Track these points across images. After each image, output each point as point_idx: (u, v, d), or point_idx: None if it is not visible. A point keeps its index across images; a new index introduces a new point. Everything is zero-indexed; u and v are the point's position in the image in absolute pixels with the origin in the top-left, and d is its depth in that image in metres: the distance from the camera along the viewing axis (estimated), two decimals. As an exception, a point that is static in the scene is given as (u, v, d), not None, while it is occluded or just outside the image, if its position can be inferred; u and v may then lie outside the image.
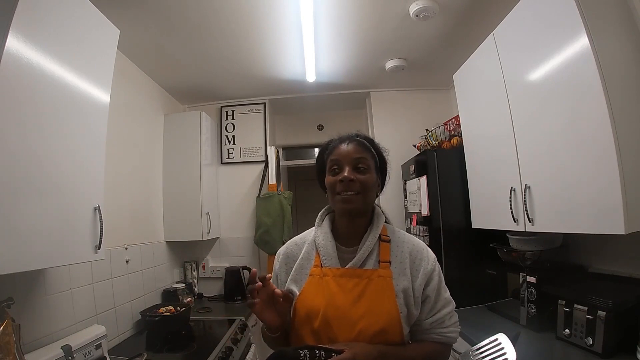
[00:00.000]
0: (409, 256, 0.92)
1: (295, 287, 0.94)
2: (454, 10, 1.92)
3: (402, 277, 0.89)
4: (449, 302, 0.94)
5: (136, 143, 2.37)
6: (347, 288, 0.88)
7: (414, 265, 0.91)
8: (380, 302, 0.86)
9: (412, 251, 0.93)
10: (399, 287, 0.88)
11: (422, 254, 0.93)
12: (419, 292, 0.89)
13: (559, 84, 1.31)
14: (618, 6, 1.29)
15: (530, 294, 1.56)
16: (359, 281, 0.89)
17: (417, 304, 0.89)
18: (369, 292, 0.87)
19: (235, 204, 3.12)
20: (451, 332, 0.92)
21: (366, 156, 0.93)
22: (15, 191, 0.99)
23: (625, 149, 1.10)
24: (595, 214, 1.18)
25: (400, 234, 0.98)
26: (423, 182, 2.21)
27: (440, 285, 0.93)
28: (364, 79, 2.87)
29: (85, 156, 1.30)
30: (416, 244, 0.96)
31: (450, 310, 0.93)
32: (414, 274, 0.90)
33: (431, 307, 0.91)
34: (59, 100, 1.18)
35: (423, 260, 0.92)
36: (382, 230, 0.95)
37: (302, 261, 0.97)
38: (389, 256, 0.92)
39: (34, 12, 1.07)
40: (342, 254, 0.94)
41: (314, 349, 0.78)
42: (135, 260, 2.20)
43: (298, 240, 1.03)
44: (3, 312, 1.10)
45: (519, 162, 1.56)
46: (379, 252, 0.92)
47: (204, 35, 2.08)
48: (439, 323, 0.91)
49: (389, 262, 0.91)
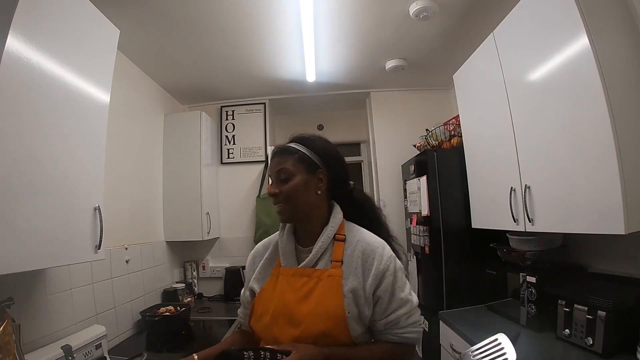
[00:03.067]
0: (362, 255, 0.90)
1: (257, 286, 0.97)
2: (454, 10, 1.92)
3: (352, 277, 0.88)
4: (406, 302, 0.89)
5: (136, 143, 2.37)
6: (295, 287, 0.90)
7: (365, 264, 0.89)
8: (327, 301, 0.85)
9: (364, 250, 0.90)
10: (347, 287, 0.86)
11: (374, 253, 0.89)
12: (369, 292, 0.87)
13: (559, 84, 1.31)
14: (618, 6, 1.30)
15: (530, 294, 1.56)
16: (308, 280, 0.89)
17: (369, 304, 0.87)
18: (316, 292, 0.87)
19: (235, 204, 3.12)
20: (409, 332, 0.89)
21: (287, 165, 0.93)
22: (15, 191, 0.99)
23: (625, 149, 1.10)
24: (595, 214, 1.18)
25: (357, 232, 0.95)
26: (423, 182, 2.21)
27: (395, 286, 0.89)
28: (364, 79, 2.87)
29: (85, 156, 1.30)
30: (370, 242, 0.92)
31: (408, 311, 0.89)
32: (365, 273, 0.88)
33: (384, 308, 0.88)
34: (59, 100, 1.18)
35: (376, 259, 0.89)
36: (339, 228, 0.95)
37: (266, 262, 1.00)
38: (341, 255, 0.91)
39: (34, 12, 1.07)
40: (300, 253, 0.96)
41: (259, 350, 0.78)
42: (135, 260, 2.20)
43: (266, 242, 1.07)
44: (3, 312, 1.10)
45: (519, 162, 1.56)
46: (333, 251, 0.92)
47: (204, 35, 2.08)
48: (394, 324, 0.88)
49: (340, 261, 0.90)
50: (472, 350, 0.88)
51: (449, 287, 2.05)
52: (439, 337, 1.97)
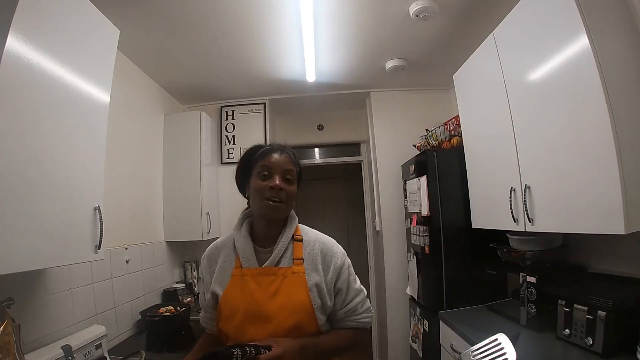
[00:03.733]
0: (320, 253, 1.00)
1: (219, 288, 1.00)
2: (454, 10, 1.92)
3: (314, 273, 0.97)
4: (360, 292, 1.04)
5: (136, 143, 2.37)
6: (264, 285, 0.95)
7: (324, 261, 0.99)
8: (295, 296, 0.93)
9: (322, 248, 1.01)
10: (311, 282, 0.95)
11: (332, 251, 1.01)
12: (330, 285, 0.98)
13: (559, 84, 1.31)
14: (618, 6, 1.30)
15: (530, 294, 1.56)
16: (275, 278, 0.96)
17: (331, 295, 0.98)
18: (284, 288, 0.94)
19: (235, 204, 3.09)
20: (364, 317, 1.03)
21: (293, 168, 1.01)
22: (15, 191, 0.99)
23: (625, 149, 1.10)
24: (595, 214, 1.18)
25: (312, 233, 1.06)
26: (423, 182, 2.21)
27: (350, 278, 1.02)
28: (364, 79, 2.87)
29: (85, 156, 1.30)
30: (326, 241, 1.03)
31: (362, 299, 1.03)
32: (325, 269, 0.98)
33: (344, 298, 1.00)
34: (59, 100, 1.18)
35: (333, 256, 1.00)
36: (295, 230, 1.03)
37: (224, 264, 1.03)
38: (301, 254, 0.99)
39: (34, 12, 1.07)
40: (260, 254, 1.00)
41: (245, 347, 0.81)
42: (135, 260, 2.20)
43: (219, 244, 1.09)
44: (3, 312, 1.10)
45: (519, 162, 1.56)
46: (293, 250, 1.00)
47: (204, 35, 2.08)
48: (352, 311, 1.01)
49: (301, 259, 0.98)
50: (472, 350, 0.88)
51: (449, 287, 2.05)
52: (439, 337, 1.97)
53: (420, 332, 2.30)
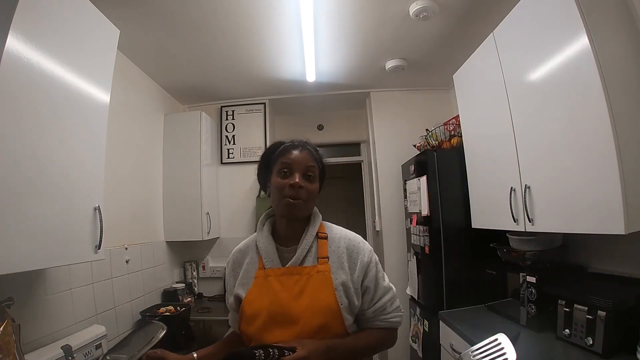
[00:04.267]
0: (346, 250, 0.96)
1: (243, 291, 0.98)
2: (454, 10, 1.92)
3: (340, 271, 0.93)
4: (389, 290, 0.99)
5: (136, 143, 2.37)
6: (288, 285, 0.92)
7: (351, 259, 0.96)
8: (321, 296, 0.90)
9: (348, 245, 0.97)
10: (337, 281, 0.92)
11: (358, 248, 0.97)
12: (357, 283, 0.94)
13: (559, 84, 1.31)
14: (618, 6, 1.30)
15: (530, 294, 1.56)
16: (300, 278, 0.93)
17: (358, 294, 0.94)
18: (309, 288, 0.91)
19: (235, 204, 3.12)
20: (394, 317, 0.97)
21: (315, 165, 0.98)
22: (15, 191, 0.99)
23: (625, 149, 1.10)
24: (595, 214, 1.18)
25: (336, 230, 1.02)
26: (423, 182, 2.21)
27: (378, 276, 0.98)
28: (364, 79, 2.87)
29: (85, 156, 1.30)
30: (352, 238, 1.00)
31: (391, 297, 0.98)
32: (351, 267, 0.95)
33: (372, 296, 0.96)
34: (59, 101, 1.18)
35: (360, 253, 0.96)
36: (319, 228, 1.00)
37: (248, 266, 1.01)
38: (326, 252, 0.96)
39: (34, 12, 1.07)
40: (283, 254, 0.98)
41: (268, 348, 0.80)
42: (135, 260, 2.20)
43: (242, 247, 1.07)
44: (3, 312, 1.10)
45: (519, 162, 1.56)
46: (317, 249, 0.96)
47: (204, 35, 2.08)
48: (381, 311, 0.96)
49: (326, 257, 0.95)
50: (472, 350, 0.88)
51: (449, 287, 2.05)
52: (439, 337, 1.97)
53: (420, 332, 2.30)
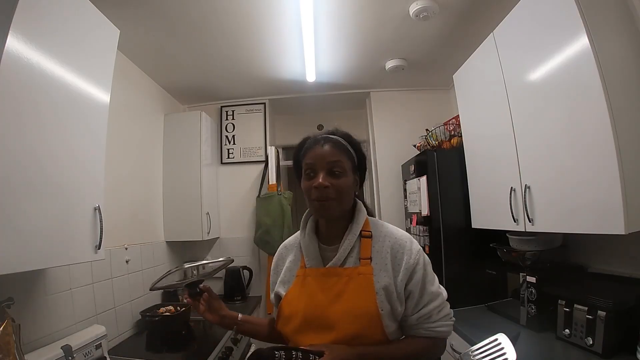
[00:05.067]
0: (390, 251, 0.89)
1: (283, 289, 0.96)
2: (454, 10, 1.92)
3: (383, 273, 0.86)
4: (437, 296, 0.89)
5: (136, 143, 2.37)
6: (326, 287, 0.88)
7: (395, 260, 0.88)
8: (360, 301, 0.84)
9: (393, 245, 0.90)
10: (379, 284, 0.85)
11: (403, 248, 0.89)
12: (401, 287, 0.86)
13: (559, 84, 1.31)
14: (618, 6, 1.30)
15: (530, 294, 1.56)
16: (339, 280, 0.87)
17: (401, 299, 0.86)
18: (348, 291, 0.85)
19: (235, 204, 3.12)
20: (441, 326, 0.87)
21: (341, 158, 0.90)
22: (15, 191, 0.99)
23: (625, 149, 1.10)
24: (595, 214, 1.18)
25: (383, 227, 0.95)
26: (423, 182, 2.21)
27: (426, 280, 0.88)
28: (364, 79, 2.87)
29: (85, 156, 1.30)
30: (399, 237, 0.91)
31: (439, 304, 0.88)
32: (395, 268, 0.87)
33: (416, 302, 0.87)
34: (59, 100, 1.18)
35: (405, 254, 0.88)
36: (364, 225, 0.93)
37: (291, 264, 0.99)
38: (369, 252, 0.89)
39: (34, 12, 1.07)
40: (325, 252, 0.93)
41: (291, 350, 0.78)
42: (135, 260, 2.20)
43: (288, 244, 1.06)
44: (3, 312, 1.10)
45: (519, 162, 1.56)
46: (360, 248, 0.90)
47: (204, 35, 2.08)
48: (425, 318, 0.87)
49: (369, 258, 0.88)
50: (472, 350, 0.88)
51: (449, 287, 2.00)
52: (439, 337, 1.97)
53: (420, 332, 2.30)
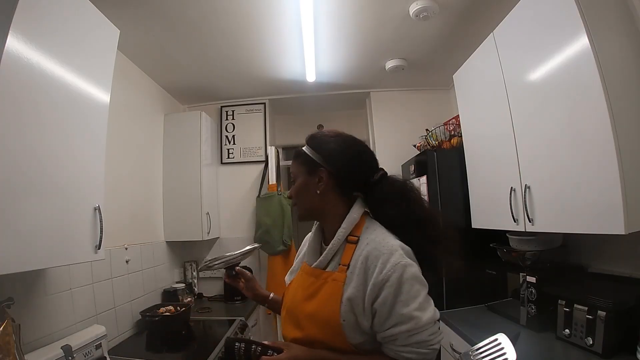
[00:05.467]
0: (365, 260, 0.81)
1: (289, 278, 1.04)
2: (454, 10, 1.92)
3: (353, 284, 0.80)
4: (410, 320, 0.75)
5: (136, 143, 2.37)
6: (305, 286, 0.89)
7: (368, 271, 0.80)
8: (324, 307, 0.82)
9: (369, 255, 0.81)
10: (346, 295, 0.80)
11: (377, 260, 0.79)
12: (368, 303, 0.78)
13: (559, 84, 1.31)
14: (618, 6, 1.29)
15: (530, 294, 1.56)
16: (316, 281, 0.87)
17: (367, 314, 0.79)
18: (319, 295, 0.84)
19: (235, 204, 3.12)
20: (410, 352, 0.76)
21: (295, 168, 0.95)
22: (15, 191, 0.99)
23: (625, 149, 1.10)
24: (595, 214, 1.18)
25: (372, 234, 0.85)
26: (423, 182, 2.21)
27: (397, 300, 0.76)
28: (364, 79, 2.87)
29: (85, 156, 1.30)
30: (379, 247, 0.81)
31: (411, 329, 0.75)
32: (366, 281, 0.79)
33: (382, 321, 0.78)
34: (59, 100, 1.18)
35: (377, 267, 0.78)
36: (355, 229, 0.87)
37: (302, 255, 1.04)
38: (349, 259, 0.84)
39: (34, 12, 1.07)
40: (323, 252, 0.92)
41: (252, 344, 0.82)
42: (135, 260, 2.20)
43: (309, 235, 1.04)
44: (3, 312, 1.10)
45: (519, 162, 1.56)
46: (343, 253, 0.86)
47: (204, 35, 2.08)
48: (391, 340, 0.78)
49: (347, 265, 0.83)
50: (472, 350, 0.88)
51: (449, 287, 2.05)
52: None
53: (420, 332, 2.30)
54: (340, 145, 0.91)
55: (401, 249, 0.81)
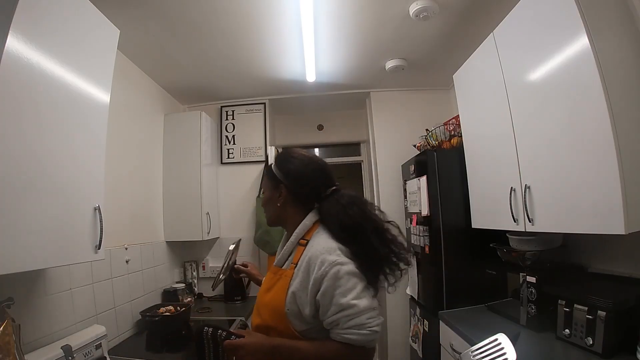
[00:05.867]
0: (308, 260, 0.96)
1: None
2: (454, 10, 1.92)
3: (298, 279, 0.96)
4: (349, 307, 0.90)
5: (136, 143, 2.37)
6: (266, 280, 1.10)
7: (309, 269, 0.95)
8: (276, 297, 0.99)
9: (311, 256, 0.96)
10: (291, 288, 0.96)
11: (317, 259, 0.94)
12: (311, 296, 0.93)
13: (559, 84, 1.31)
14: (618, 6, 1.30)
15: (530, 294, 1.56)
16: (274, 277, 1.05)
17: (309, 304, 0.93)
18: (274, 288, 1.02)
19: (235, 204, 3.12)
20: (350, 333, 0.90)
21: (265, 182, 1.16)
22: (15, 191, 0.99)
23: (625, 149, 1.10)
24: (595, 214, 1.18)
25: (317, 238, 1.01)
26: (423, 182, 2.21)
27: (336, 292, 0.90)
28: (364, 79, 2.87)
29: (85, 156, 1.30)
30: (319, 248, 0.96)
31: (350, 314, 0.90)
32: (309, 277, 0.94)
33: (325, 311, 0.92)
34: (59, 100, 1.18)
35: (316, 266, 0.93)
36: (306, 235, 1.04)
37: None
38: (298, 259, 1.00)
39: (34, 12, 1.07)
40: None
41: (218, 329, 0.95)
42: (135, 260, 2.20)
43: None
44: (3, 312, 1.10)
45: (519, 162, 1.56)
46: (295, 254, 1.03)
47: (204, 35, 2.08)
48: (334, 325, 0.92)
49: (296, 263, 1.00)
50: (472, 350, 0.88)
51: (449, 287, 2.05)
52: (439, 337, 1.97)
53: (420, 332, 2.30)
54: (297, 166, 1.08)
55: (339, 249, 0.95)
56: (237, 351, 0.90)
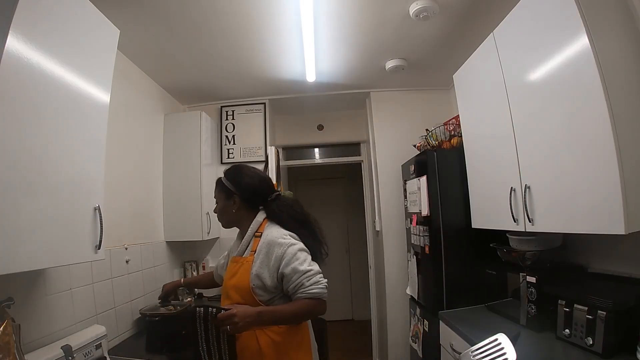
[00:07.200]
0: (267, 245, 1.26)
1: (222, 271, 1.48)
2: (454, 10, 1.92)
3: (259, 261, 1.25)
4: (306, 272, 1.21)
5: (136, 143, 2.37)
6: (229, 269, 1.34)
7: (269, 252, 1.24)
8: (242, 277, 1.25)
9: (269, 242, 1.26)
10: (254, 268, 1.24)
11: (275, 243, 1.25)
12: (273, 270, 1.23)
13: (559, 84, 1.31)
14: (618, 6, 1.30)
15: (530, 294, 1.56)
16: (236, 265, 1.31)
17: (272, 276, 1.23)
18: (239, 273, 1.27)
19: (235, 204, 3.11)
20: (312, 288, 1.20)
21: (217, 193, 1.41)
22: (15, 191, 0.99)
23: (625, 149, 1.10)
24: (595, 214, 1.18)
25: (269, 229, 1.31)
26: (423, 182, 2.21)
27: (295, 263, 1.21)
28: (364, 79, 2.87)
29: (85, 156, 1.30)
30: (275, 236, 1.27)
31: (309, 275, 1.21)
32: (269, 258, 1.24)
33: (289, 278, 1.21)
34: (59, 100, 1.18)
35: (276, 247, 1.24)
36: (259, 229, 1.33)
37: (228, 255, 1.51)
38: (256, 247, 1.28)
39: (34, 12, 1.07)
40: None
41: (209, 307, 1.10)
42: (135, 260, 2.20)
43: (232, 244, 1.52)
44: (3, 312, 1.10)
45: (519, 162, 1.56)
46: (252, 244, 1.30)
47: (204, 35, 2.08)
48: (299, 286, 1.20)
49: (254, 251, 1.27)
50: (472, 350, 0.88)
51: (449, 287, 2.05)
52: (439, 337, 1.97)
53: (420, 332, 2.30)
54: (245, 179, 1.37)
55: (289, 235, 1.29)
56: (231, 318, 1.08)
